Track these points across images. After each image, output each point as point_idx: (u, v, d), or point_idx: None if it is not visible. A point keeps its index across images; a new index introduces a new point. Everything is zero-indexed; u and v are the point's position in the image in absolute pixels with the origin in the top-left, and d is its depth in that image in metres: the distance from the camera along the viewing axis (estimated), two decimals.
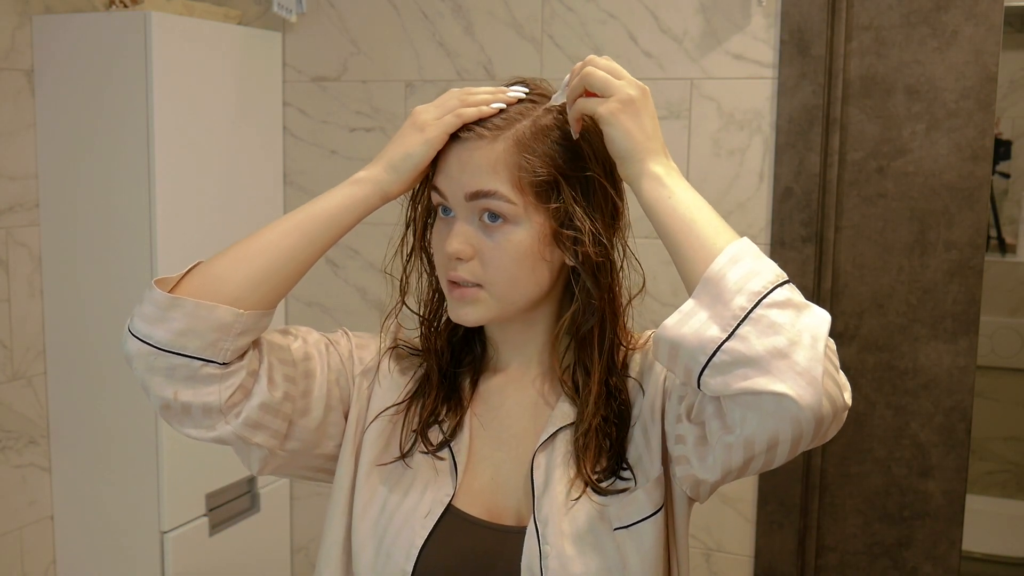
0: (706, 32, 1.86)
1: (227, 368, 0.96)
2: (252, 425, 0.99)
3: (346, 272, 2.19)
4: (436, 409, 1.06)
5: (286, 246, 0.99)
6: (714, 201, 1.89)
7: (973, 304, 1.79)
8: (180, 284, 0.97)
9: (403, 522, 1.02)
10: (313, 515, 2.30)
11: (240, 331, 0.96)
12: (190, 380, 0.95)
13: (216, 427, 0.98)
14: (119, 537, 1.98)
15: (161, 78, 1.84)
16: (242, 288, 0.96)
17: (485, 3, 2.01)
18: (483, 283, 0.99)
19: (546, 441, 1.03)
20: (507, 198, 0.97)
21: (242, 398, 0.98)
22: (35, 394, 1.99)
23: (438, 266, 1.03)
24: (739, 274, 0.86)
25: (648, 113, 0.97)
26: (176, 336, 0.94)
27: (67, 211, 1.95)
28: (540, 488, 1.00)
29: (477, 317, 1.00)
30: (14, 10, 1.89)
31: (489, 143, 0.98)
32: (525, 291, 1.01)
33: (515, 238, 0.98)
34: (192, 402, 0.96)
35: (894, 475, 1.86)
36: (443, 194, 1.00)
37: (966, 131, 1.76)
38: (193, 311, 0.94)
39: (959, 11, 1.74)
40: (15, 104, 1.91)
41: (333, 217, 1.01)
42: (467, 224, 0.99)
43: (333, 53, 2.14)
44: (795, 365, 0.82)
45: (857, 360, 1.86)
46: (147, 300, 0.96)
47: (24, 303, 1.96)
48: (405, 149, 1.00)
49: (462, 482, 1.03)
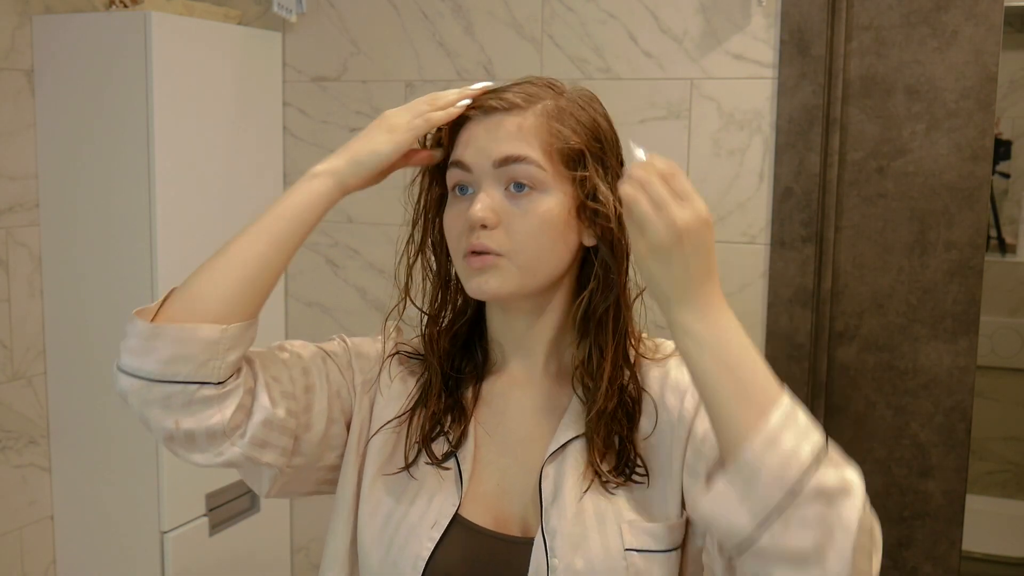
0: (706, 32, 1.86)
1: (223, 387, 0.96)
2: (259, 444, 0.98)
3: (346, 272, 2.19)
4: (440, 419, 1.05)
5: (255, 253, 0.98)
6: (714, 201, 1.90)
7: (973, 304, 1.79)
8: (159, 313, 0.97)
9: (409, 532, 1.00)
10: (313, 515, 2.30)
11: (228, 346, 0.95)
12: (188, 406, 0.95)
13: (224, 451, 0.97)
14: (119, 537, 1.98)
15: (161, 78, 1.84)
16: (221, 303, 0.96)
17: (485, 3, 2.01)
18: (506, 252, 0.97)
19: (555, 452, 1.01)
20: (538, 163, 0.97)
21: (244, 417, 0.97)
22: (35, 394, 1.99)
23: (453, 243, 1.01)
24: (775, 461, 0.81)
25: (682, 257, 0.84)
26: (165, 365, 0.94)
27: (67, 211, 1.95)
28: (549, 499, 0.98)
29: (497, 286, 0.98)
30: (14, 10, 1.89)
31: (517, 114, 0.98)
32: (546, 265, 0.99)
33: (543, 206, 0.97)
34: (195, 429, 0.95)
35: (894, 475, 1.86)
36: (467, 165, 0.99)
37: (966, 131, 1.76)
38: (177, 336, 0.94)
39: (959, 11, 1.74)
40: (15, 104, 1.91)
41: (296, 216, 0.99)
42: (493, 192, 0.98)
43: (333, 53, 2.14)
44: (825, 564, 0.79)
45: (857, 360, 1.86)
46: (130, 333, 0.96)
47: (24, 303, 1.96)
48: (373, 147, 1.00)
49: (468, 490, 1.02)
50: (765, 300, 1.88)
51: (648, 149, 0.88)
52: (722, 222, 1.89)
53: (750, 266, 1.89)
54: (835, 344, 1.87)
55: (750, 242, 1.88)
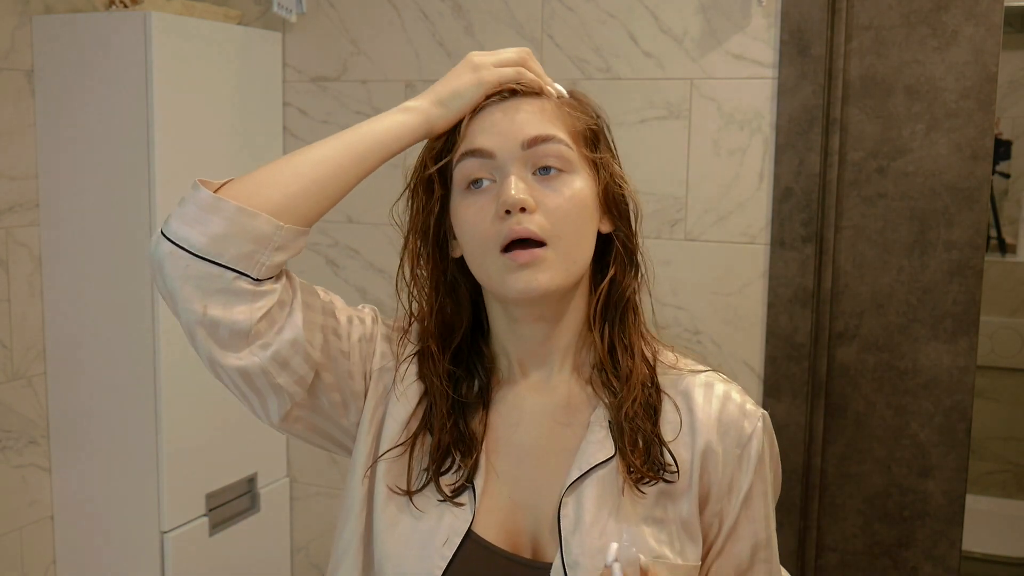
0: (706, 32, 1.86)
1: (259, 285, 0.92)
2: (280, 362, 0.94)
3: (346, 272, 2.19)
4: (448, 451, 0.99)
5: (330, 159, 0.95)
6: (714, 201, 1.90)
7: (973, 304, 1.79)
8: (221, 190, 0.93)
9: (420, 549, 0.96)
10: (313, 515, 2.30)
11: (278, 245, 0.91)
12: (221, 293, 0.90)
13: (242, 354, 0.92)
14: (119, 537, 1.98)
15: (161, 78, 1.84)
16: (285, 197, 0.92)
17: (485, 3, 2.01)
18: (548, 239, 0.93)
19: (575, 481, 0.96)
20: (567, 143, 0.95)
21: (270, 327, 0.93)
22: (35, 394, 1.99)
23: (480, 240, 0.95)
24: None
25: None
26: (213, 241, 0.89)
27: (67, 211, 1.95)
28: (569, 528, 0.94)
29: (547, 280, 0.93)
30: (14, 10, 1.89)
31: (536, 100, 0.97)
32: (583, 253, 0.97)
33: (576, 186, 0.95)
34: (221, 319, 0.91)
35: (894, 475, 1.86)
36: (488, 152, 0.95)
37: (966, 131, 1.76)
38: (234, 216, 0.90)
39: (959, 11, 1.74)
40: (15, 104, 1.91)
41: (380, 141, 0.96)
42: (523, 176, 0.94)
43: (333, 53, 2.14)
44: None
45: (857, 360, 1.86)
46: (190, 200, 0.92)
47: (24, 303, 1.96)
48: (454, 87, 0.97)
49: (480, 505, 0.97)
50: (765, 300, 1.88)
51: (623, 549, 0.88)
52: (722, 222, 1.89)
53: (750, 266, 1.89)
54: (835, 344, 1.87)
55: (750, 242, 1.88)
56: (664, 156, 1.91)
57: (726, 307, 1.91)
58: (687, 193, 1.91)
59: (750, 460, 1.00)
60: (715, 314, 1.92)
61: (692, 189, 1.90)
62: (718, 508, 0.99)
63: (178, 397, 1.93)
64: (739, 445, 1.00)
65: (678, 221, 1.91)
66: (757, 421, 1.01)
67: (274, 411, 0.98)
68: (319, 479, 2.27)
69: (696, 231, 1.91)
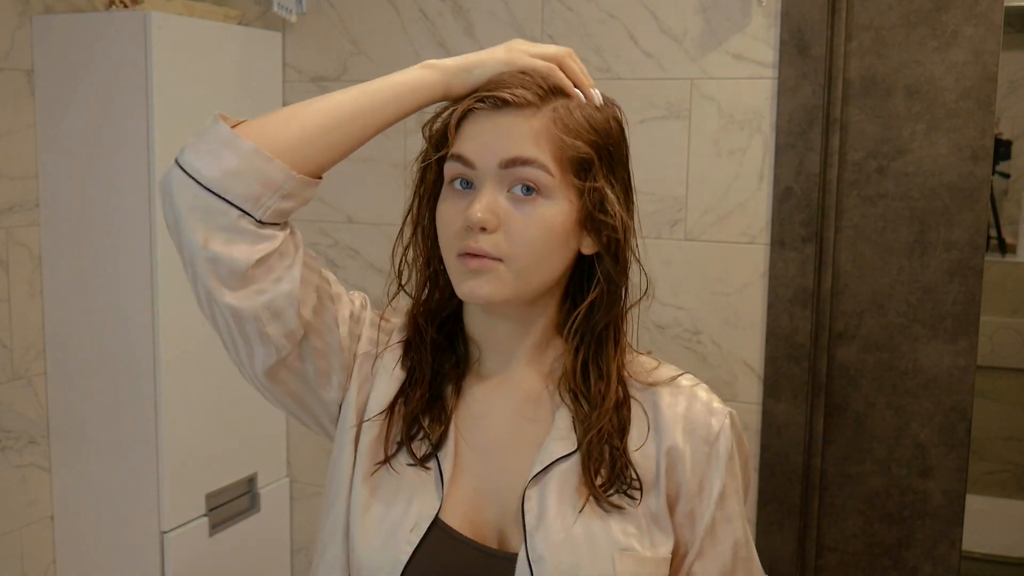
0: (706, 32, 1.86)
1: (262, 228, 0.93)
2: (273, 311, 0.95)
3: (346, 272, 2.19)
4: (419, 417, 1.02)
5: (348, 108, 0.96)
6: (714, 201, 1.90)
7: (973, 304, 1.79)
8: (239, 127, 0.94)
9: (388, 535, 0.97)
10: (313, 515, 2.30)
11: (286, 193, 0.93)
12: (224, 230, 0.92)
13: (239, 294, 0.93)
14: (119, 537, 1.98)
15: (161, 78, 1.84)
16: (300, 140, 0.94)
17: (485, 3, 2.01)
18: (504, 257, 0.94)
19: (539, 473, 0.97)
20: (547, 169, 0.94)
21: (268, 274, 0.94)
22: (35, 394, 1.99)
23: (447, 240, 0.97)
24: None
25: None
26: (224, 176, 0.91)
27: (67, 211, 1.95)
28: (533, 522, 0.96)
29: (490, 292, 0.94)
30: (14, 10, 1.89)
31: (528, 115, 0.94)
32: (543, 274, 0.97)
33: (548, 212, 0.94)
34: (220, 254, 0.92)
35: (894, 475, 1.86)
36: (470, 161, 0.95)
37: (966, 131, 1.76)
38: (248, 156, 0.92)
39: (959, 11, 1.74)
40: (15, 104, 1.91)
41: (398, 94, 0.97)
42: (495, 194, 0.94)
43: (333, 53, 2.14)
44: None
45: (857, 360, 1.86)
46: (208, 133, 0.94)
47: (24, 303, 1.96)
48: (482, 59, 0.98)
49: (447, 492, 0.99)
50: (765, 300, 1.88)
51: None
52: (722, 222, 1.89)
53: (750, 266, 1.89)
54: (835, 344, 1.87)
55: (750, 242, 1.88)
56: (664, 156, 1.91)
57: (726, 307, 1.91)
58: (687, 193, 1.91)
59: (719, 458, 1.00)
60: (715, 314, 1.92)
61: (692, 189, 1.90)
62: (689, 508, 1.00)
63: (178, 397, 1.93)
64: (707, 443, 1.00)
65: (678, 221, 1.91)
66: (724, 418, 1.01)
67: (260, 362, 0.98)
68: (319, 479, 2.27)
69: (696, 231, 1.91)
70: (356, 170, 2.13)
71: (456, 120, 0.97)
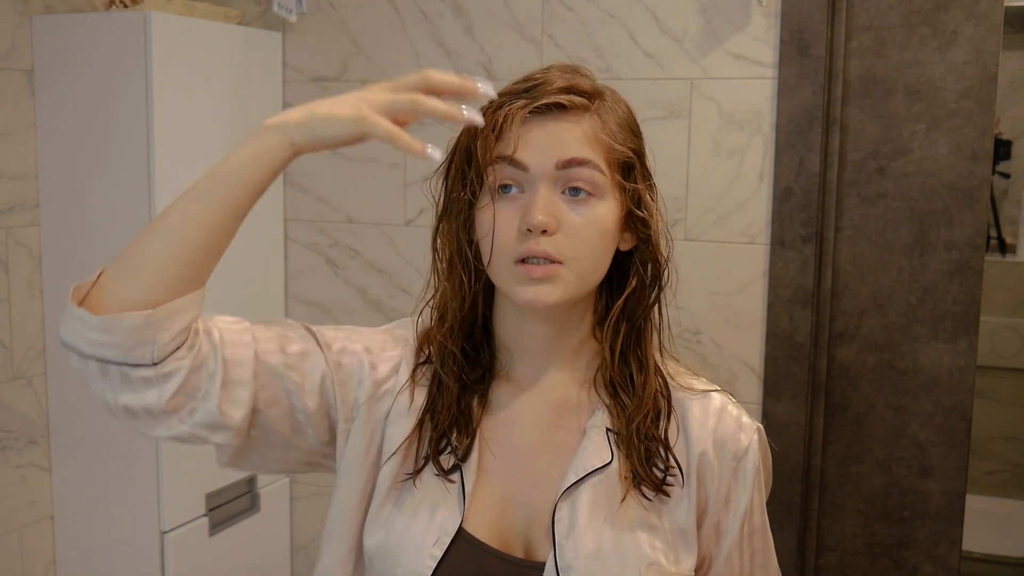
0: (706, 32, 1.86)
1: (161, 367, 0.89)
2: (209, 425, 0.93)
3: (346, 272, 2.19)
4: (447, 432, 1.00)
5: (190, 219, 0.89)
6: (714, 201, 1.90)
7: (973, 304, 1.79)
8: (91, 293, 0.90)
9: (410, 547, 0.96)
10: (313, 515, 2.30)
11: (159, 328, 0.88)
12: (125, 384, 0.90)
13: (170, 424, 0.92)
14: (119, 537, 1.98)
15: (161, 78, 1.84)
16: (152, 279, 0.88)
17: (485, 3, 2.01)
18: (565, 260, 0.93)
19: (572, 485, 0.97)
20: (601, 169, 0.95)
21: (191, 397, 0.91)
22: (35, 394, 1.99)
23: (501, 246, 0.94)
24: None
25: None
26: (92, 345, 0.88)
27: (67, 211, 1.95)
28: (563, 532, 0.95)
29: (556, 297, 0.94)
30: (14, 10, 1.89)
31: (578, 116, 0.95)
32: (597, 273, 0.97)
33: (601, 212, 0.95)
34: (132, 406, 0.90)
35: (894, 475, 1.86)
36: (524, 164, 0.94)
37: (966, 131, 1.76)
38: (100, 325, 0.87)
39: (959, 11, 1.74)
40: (15, 104, 1.91)
41: (235, 174, 0.89)
42: (550, 195, 0.94)
43: (333, 53, 2.14)
44: None
45: (857, 360, 1.86)
46: (64, 311, 0.91)
47: (24, 303, 1.96)
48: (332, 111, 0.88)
49: (471, 503, 0.98)
50: (765, 300, 1.88)
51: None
52: (722, 222, 1.89)
53: (750, 266, 1.89)
54: (835, 344, 1.87)
55: (750, 242, 1.88)
56: (664, 156, 1.91)
57: (726, 307, 1.91)
58: (687, 193, 1.91)
59: (747, 474, 1.01)
60: (715, 314, 1.92)
61: (692, 189, 1.90)
62: (715, 520, 1.01)
63: None
64: (735, 458, 1.01)
65: (678, 221, 1.92)
66: (753, 434, 1.02)
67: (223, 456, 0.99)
68: (319, 479, 2.27)
69: (696, 231, 1.91)
70: (356, 170, 2.13)
71: (509, 124, 0.94)
